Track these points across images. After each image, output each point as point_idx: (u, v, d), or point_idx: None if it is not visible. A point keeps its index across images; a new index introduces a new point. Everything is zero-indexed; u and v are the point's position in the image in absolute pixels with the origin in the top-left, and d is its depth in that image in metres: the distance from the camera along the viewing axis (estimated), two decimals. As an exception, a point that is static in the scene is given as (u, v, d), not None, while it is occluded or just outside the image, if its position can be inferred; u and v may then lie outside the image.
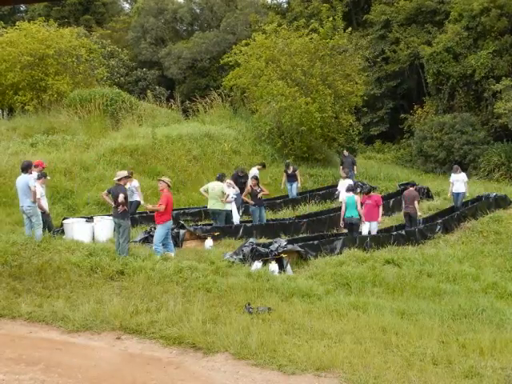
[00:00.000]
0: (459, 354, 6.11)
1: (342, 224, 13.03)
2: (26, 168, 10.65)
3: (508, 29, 24.66)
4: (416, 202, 13.58)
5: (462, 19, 25.67)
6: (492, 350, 6.29)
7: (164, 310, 6.95)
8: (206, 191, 13.07)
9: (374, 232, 12.84)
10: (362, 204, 12.73)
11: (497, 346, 6.44)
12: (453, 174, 15.94)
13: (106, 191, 10.65)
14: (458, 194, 15.62)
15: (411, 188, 14.07)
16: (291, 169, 16.99)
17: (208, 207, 13.21)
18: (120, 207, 9.77)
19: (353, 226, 12.63)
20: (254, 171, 16.00)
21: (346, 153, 19.62)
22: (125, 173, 10.46)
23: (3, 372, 5.40)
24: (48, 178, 11.97)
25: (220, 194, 12.75)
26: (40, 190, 10.85)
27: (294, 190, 17.06)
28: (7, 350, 5.96)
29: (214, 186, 12.94)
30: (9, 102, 23.35)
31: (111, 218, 10.51)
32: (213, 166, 18.42)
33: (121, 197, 9.79)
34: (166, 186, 10.59)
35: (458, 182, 15.64)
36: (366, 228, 12.91)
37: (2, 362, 5.66)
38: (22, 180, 10.55)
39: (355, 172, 18.95)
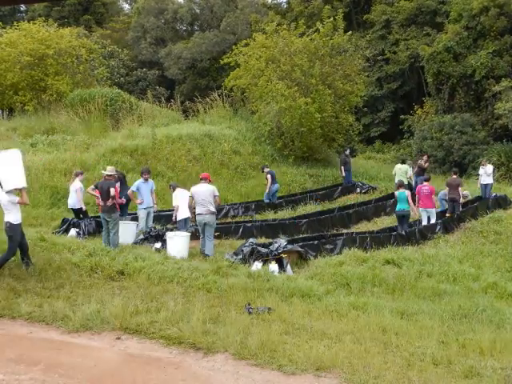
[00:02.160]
0: (459, 354, 6.11)
1: None
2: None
3: (508, 29, 24.68)
4: (460, 188, 14.89)
5: (462, 19, 25.70)
6: (492, 350, 6.29)
7: (164, 310, 6.95)
8: None
9: (433, 220, 14.16)
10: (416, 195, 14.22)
11: (497, 346, 6.43)
12: (481, 168, 16.89)
13: (92, 186, 11.18)
14: (485, 185, 16.46)
15: (454, 176, 15.13)
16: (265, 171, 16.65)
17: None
18: (109, 201, 10.18)
19: (404, 218, 13.47)
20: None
21: (347, 152, 19.72)
22: (113, 169, 11.04)
23: (3, 372, 5.40)
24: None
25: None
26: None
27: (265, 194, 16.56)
28: (7, 349, 5.96)
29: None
30: (8, 102, 23.37)
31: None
32: (213, 166, 18.42)
33: (112, 191, 10.20)
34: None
35: (485, 174, 16.57)
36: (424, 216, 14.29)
37: (2, 362, 5.66)
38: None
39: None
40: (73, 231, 11.97)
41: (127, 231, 11.19)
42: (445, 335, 6.83)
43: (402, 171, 17.32)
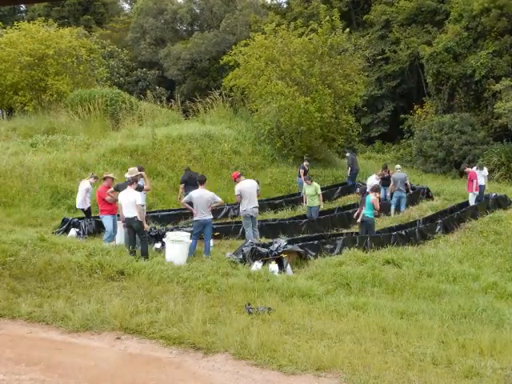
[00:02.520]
0: (459, 354, 6.11)
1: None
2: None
3: (508, 29, 24.68)
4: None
5: (462, 19, 25.70)
6: (492, 350, 6.29)
7: (164, 310, 6.95)
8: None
9: (472, 202, 15.49)
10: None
11: (496, 346, 6.44)
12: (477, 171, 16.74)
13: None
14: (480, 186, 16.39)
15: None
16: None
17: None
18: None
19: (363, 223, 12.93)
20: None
21: (348, 153, 19.62)
22: (136, 170, 11.36)
23: (3, 372, 5.40)
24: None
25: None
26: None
27: None
28: (7, 349, 5.95)
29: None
30: (8, 102, 23.38)
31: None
32: (213, 166, 18.43)
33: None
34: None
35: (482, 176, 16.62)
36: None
37: (1, 362, 5.66)
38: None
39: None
40: (73, 231, 11.98)
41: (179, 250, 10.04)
42: (445, 335, 6.83)
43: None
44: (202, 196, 10.69)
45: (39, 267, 8.58)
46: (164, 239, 10.55)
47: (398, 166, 17.44)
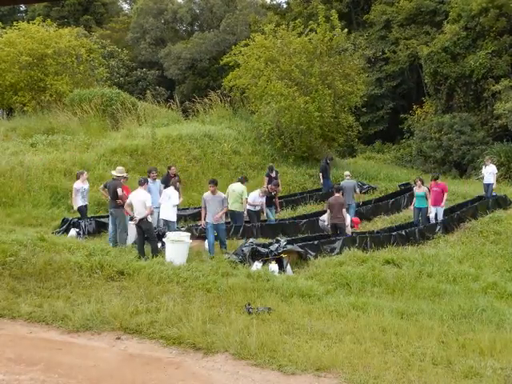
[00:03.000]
0: (459, 354, 6.11)
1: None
2: None
3: (507, 29, 24.64)
4: (344, 210, 12.22)
5: (461, 19, 25.67)
6: (492, 350, 6.30)
7: (164, 310, 6.95)
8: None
9: (440, 216, 14.14)
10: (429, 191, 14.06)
11: (496, 346, 6.44)
12: (483, 167, 16.90)
13: (102, 185, 11.73)
14: (487, 184, 16.45)
15: (337, 194, 12.35)
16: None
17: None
18: (119, 201, 10.85)
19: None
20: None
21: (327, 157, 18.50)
22: (123, 169, 11.71)
23: (3, 372, 5.41)
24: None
25: (239, 195, 12.45)
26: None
27: None
28: (7, 349, 5.96)
29: (235, 188, 12.59)
30: (8, 102, 23.38)
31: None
32: (213, 167, 18.44)
33: (119, 191, 10.94)
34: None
35: (488, 173, 16.54)
36: (433, 212, 14.14)
37: (2, 362, 5.66)
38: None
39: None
40: (73, 231, 11.97)
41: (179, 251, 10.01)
42: (445, 335, 6.83)
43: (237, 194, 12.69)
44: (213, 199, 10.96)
45: (39, 267, 8.58)
46: (164, 239, 10.56)
47: (347, 172, 15.72)
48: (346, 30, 22.66)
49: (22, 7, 43.25)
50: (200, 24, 43.83)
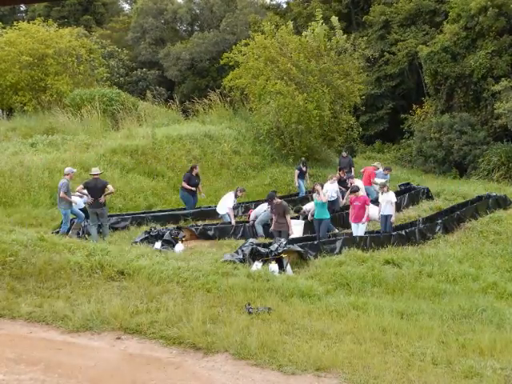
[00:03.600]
0: (459, 354, 6.11)
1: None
2: None
3: (507, 28, 24.63)
4: (288, 217, 12.00)
5: (461, 19, 25.66)
6: (492, 351, 6.30)
7: (164, 310, 6.95)
8: None
9: (361, 233, 12.44)
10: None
11: (497, 347, 6.44)
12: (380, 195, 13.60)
13: (81, 185, 12.03)
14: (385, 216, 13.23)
15: (278, 200, 12.13)
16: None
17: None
18: (103, 197, 11.61)
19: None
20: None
21: (344, 153, 19.15)
22: (98, 170, 12.40)
23: (3, 372, 5.41)
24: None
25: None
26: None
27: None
28: (7, 349, 5.95)
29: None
30: (8, 102, 23.37)
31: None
32: (213, 167, 18.43)
33: (110, 187, 11.86)
34: None
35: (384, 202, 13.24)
36: (354, 230, 12.60)
37: (2, 362, 5.65)
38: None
39: (353, 174, 18.33)
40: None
41: None
42: (445, 335, 6.83)
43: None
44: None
45: (39, 267, 8.57)
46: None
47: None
48: (344, 35, 22.70)
49: (22, 7, 43.25)
50: (200, 24, 43.83)
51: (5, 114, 22.67)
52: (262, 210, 13.25)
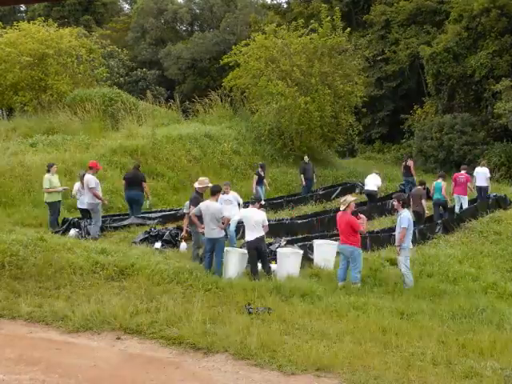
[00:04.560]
0: (459, 354, 6.11)
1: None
2: None
3: (508, 29, 24.65)
4: (424, 200, 13.72)
5: (462, 19, 25.67)
6: (492, 351, 6.30)
7: (164, 310, 6.95)
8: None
9: (465, 205, 15.09)
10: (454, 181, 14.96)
11: (496, 347, 6.44)
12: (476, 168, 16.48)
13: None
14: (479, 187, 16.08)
15: (419, 187, 14.20)
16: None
17: None
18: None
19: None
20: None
21: (306, 159, 18.12)
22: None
23: (3, 372, 5.40)
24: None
25: None
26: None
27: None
28: (7, 349, 5.95)
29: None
30: (8, 102, 23.36)
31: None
32: (213, 167, 18.42)
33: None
34: None
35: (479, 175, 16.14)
36: (457, 202, 15.20)
37: (1, 362, 5.65)
38: None
39: (315, 181, 18.08)
40: (73, 231, 11.97)
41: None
42: (445, 335, 6.83)
43: None
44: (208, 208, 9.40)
45: (39, 267, 8.58)
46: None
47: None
48: (348, 29, 22.66)
49: (22, 7, 43.25)
50: (200, 24, 43.88)
51: (5, 113, 22.68)
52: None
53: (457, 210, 15.28)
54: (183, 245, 11.25)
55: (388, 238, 12.67)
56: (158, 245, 11.10)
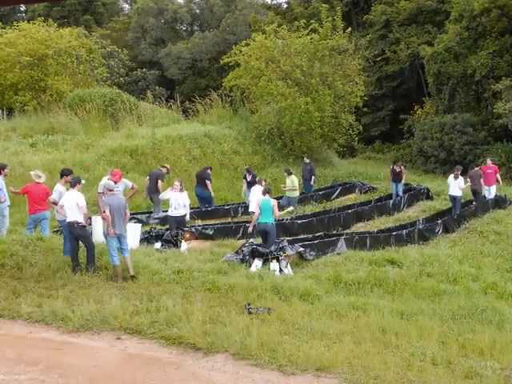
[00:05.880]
0: (459, 354, 6.11)
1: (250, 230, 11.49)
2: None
3: (508, 29, 24.65)
4: (482, 180, 15.48)
5: (463, 19, 25.67)
6: (492, 351, 6.30)
7: (164, 310, 6.95)
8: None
9: (493, 195, 15.88)
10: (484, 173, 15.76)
11: (496, 347, 6.44)
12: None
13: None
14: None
15: (476, 168, 15.98)
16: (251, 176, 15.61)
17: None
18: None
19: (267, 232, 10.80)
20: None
21: (306, 160, 18.08)
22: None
23: (3, 372, 5.41)
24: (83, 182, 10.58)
25: None
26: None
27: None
28: (7, 350, 5.95)
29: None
30: (8, 102, 23.36)
31: None
32: (213, 167, 18.40)
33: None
34: None
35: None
36: (487, 193, 15.85)
37: (1, 362, 5.65)
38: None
39: (313, 183, 17.81)
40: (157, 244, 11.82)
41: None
42: (445, 335, 6.83)
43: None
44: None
45: (39, 267, 8.58)
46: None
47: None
48: (349, 29, 22.66)
49: (22, 7, 43.24)
50: (200, 24, 43.88)
51: (5, 113, 22.67)
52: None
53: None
54: (183, 245, 11.25)
55: (388, 237, 12.68)
56: (157, 245, 11.10)
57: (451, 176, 15.34)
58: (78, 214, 8.85)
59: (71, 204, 8.88)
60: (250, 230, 11.35)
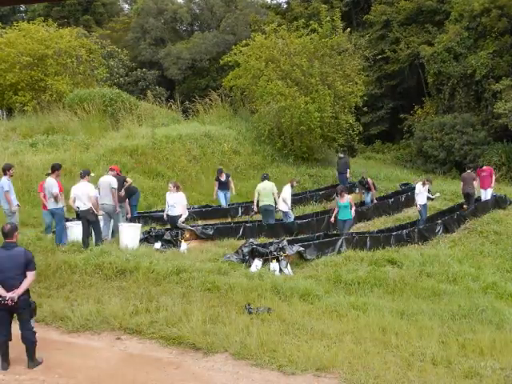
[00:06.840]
0: (459, 354, 6.11)
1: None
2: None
3: (508, 29, 24.64)
4: (475, 182, 15.29)
5: (463, 19, 25.67)
6: (492, 351, 6.30)
7: (164, 310, 6.95)
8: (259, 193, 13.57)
9: (488, 197, 15.58)
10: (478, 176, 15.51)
11: (496, 347, 6.44)
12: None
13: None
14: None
15: (469, 171, 15.72)
16: (224, 176, 15.30)
17: (260, 205, 13.67)
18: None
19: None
20: None
21: (341, 155, 18.63)
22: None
23: (3, 372, 5.41)
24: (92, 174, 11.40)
25: (271, 192, 13.44)
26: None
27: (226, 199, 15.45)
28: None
29: (265, 186, 13.51)
30: (8, 102, 23.35)
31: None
32: (213, 167, 18.40)
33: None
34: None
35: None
36: (483, 195, 15.65)
37: (1, 362, 5.65)
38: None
39: (348, 175, 18.07)
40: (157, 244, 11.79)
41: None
42: (445, 335, 6.83)
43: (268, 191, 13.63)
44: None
45: (39, 267, 8.56)
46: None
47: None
48: (348, 29, 22.66)
49: (22, 7, 43.21)
50: (200, 24, 43.83)
51: (5, 113, 22.67)
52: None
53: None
54: (183, 245, 11.25)
55: (388, 237, 12.68)
56: (157, 245, 11.09)
57: (419, 183, 14.54)
58: (89, 202, 10.08)
59: (83, 194, 10.11)
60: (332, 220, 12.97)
